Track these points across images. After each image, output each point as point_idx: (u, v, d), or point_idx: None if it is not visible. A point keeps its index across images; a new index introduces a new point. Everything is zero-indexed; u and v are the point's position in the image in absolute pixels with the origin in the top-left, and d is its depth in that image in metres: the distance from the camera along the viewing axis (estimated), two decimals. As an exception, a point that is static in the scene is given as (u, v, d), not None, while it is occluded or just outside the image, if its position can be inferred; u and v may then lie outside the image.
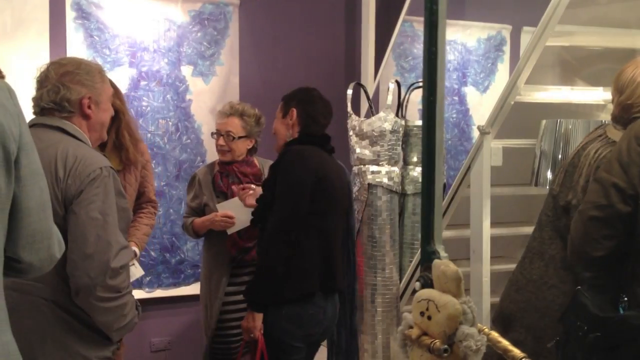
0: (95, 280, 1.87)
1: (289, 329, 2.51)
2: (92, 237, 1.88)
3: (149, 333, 4.08)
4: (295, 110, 2.69)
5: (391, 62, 4.52)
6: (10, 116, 1.28)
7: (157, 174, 3.96)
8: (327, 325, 2.65)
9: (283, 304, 2.50)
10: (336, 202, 2.66)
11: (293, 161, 2.54)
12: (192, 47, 4.05)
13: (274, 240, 2.48)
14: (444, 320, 1.13)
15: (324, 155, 2.67)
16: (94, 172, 1.93)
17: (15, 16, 3.61)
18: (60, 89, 2.02)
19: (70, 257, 1.86)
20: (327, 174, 2.59)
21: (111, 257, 1.90)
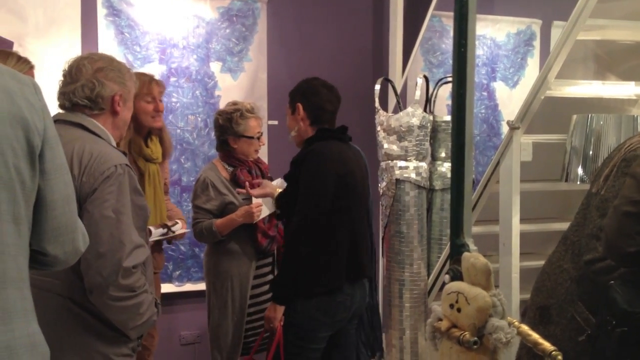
0: (108, 280, 1.87)
1: (317, 318, 2.55)
2: (105, 236, 1.86)
3: (178, 326, 4.13)
4: (300, 104, 2.70)
5: (419, 58, 4.50)
6: (35, 111, 1.30)
7: (187, 169, 4.00)
8: (355, 309, 2.68)
9: (311, 297, 2.53)
10: (359, 194, 2.68)
11: (315, 163, 2.56)
12: (221, 44, 4.08)
13: (298, 238, 2.53)
14: (473, 313, 1.13)
15: (343, 148, 2.68)
16: (109, 170, 1.91)
17: (47, 14, 3.67)
18: (96, 85, 2.02)
19: (83, 256, 1.80)
20: (348, 168, 2.61)
21: (124, 257, 1.88)
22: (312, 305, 2.54)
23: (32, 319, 1.30)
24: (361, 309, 2.76)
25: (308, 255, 2.50)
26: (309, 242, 2.51)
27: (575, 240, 2.14)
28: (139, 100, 2.94)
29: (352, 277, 2.61)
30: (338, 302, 2.57)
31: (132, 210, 1.95)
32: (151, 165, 3.02)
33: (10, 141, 1.23)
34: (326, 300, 2.54)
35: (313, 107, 2.67)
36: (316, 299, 2.53)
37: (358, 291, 2.67)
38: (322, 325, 2.56)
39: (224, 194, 3.19)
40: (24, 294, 1.27)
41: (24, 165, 1.26)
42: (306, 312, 2.55)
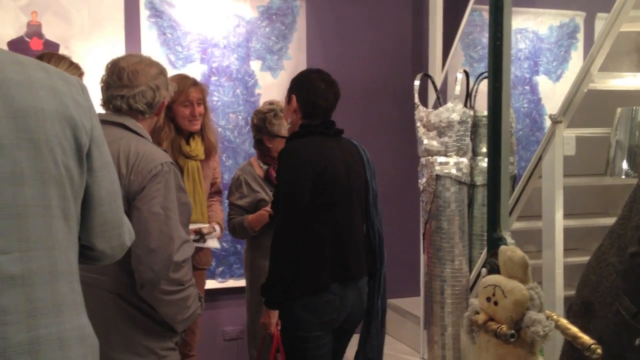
0: (159, 274, 1.91)
1: (304, 319, 2.48)
2: (154, 232, 1.91)
3: (222, 322, 4.19)
4: (295, 96, 2.61)
5: (459, 52, 4.47)
6: (82, 110, 1.34)
7: (228, 166, 4.06)
8: (348, 311, 2.57)
9: (297, 298, 2.47)
10: (345, 190, 2.56)
11: (289, 163, 2.48)
12: (261, 42, 4.12)
13: (279, 240, 2.46)
14: (510, 306, 1.13)
15: (326, 144, 2.56)
16: (155, 168, 1.95)
17: (92, 16, 3.76)
18: (155, 91, 2.07)
19: (134, 252, 1.89)
20: (327, 165, 2.49)
21: (174, 251, 1.92)
22: (299, 306, 2.47)
23: (82, 311, 1.33)
24: (358, 314, 2.65)
25: (290, 256, 2.43)
26: (289, 242, 2.44)
27: (622, 233, 2.11)
28: (177, 105, 2.99)
29: (340, 277, 2.52)
30: (325, 302, 2.48)
31: (177, 207, 1.99)
32: (191, 162, 3.07)
33: (60, 140, 1.27)
34: (312, 300, 2.47)
35: (306, 101, 2.56)
36: (302, 299, 2.46)
37: (350, 291, 2.56)
38: (311, 326, 2.48)
39: (256, 191, 3.22)
40: (73, 287, 1.30)
41: (72, 163, 1.30)
42: (294, 314, 2.48)
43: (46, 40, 3.66)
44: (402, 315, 4.45)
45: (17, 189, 1.19)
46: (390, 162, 4.39)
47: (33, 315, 1.19)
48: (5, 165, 1.18)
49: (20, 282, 1.18)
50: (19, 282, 1.18)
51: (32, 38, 3.63)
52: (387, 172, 4.30)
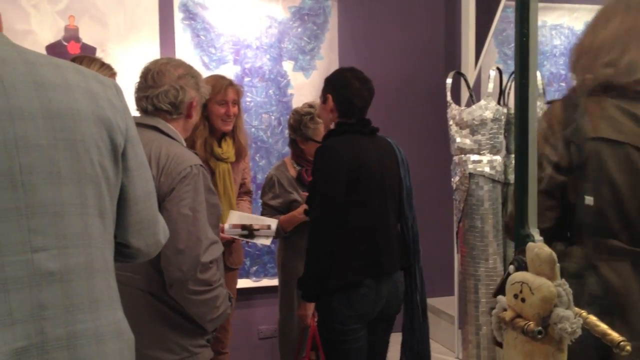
0: (187, 275, 1.94)
1: (341, 312, 2.54)
2: (183, 233, 1.94)
3: (256, 321, 4.23)
4: (330, 96, 2.67)
5: (493, 49, 4.43)
6: (117, 111, 1.37)
7: (261, 166, 4.10)
8: (384, 303, 2.63)
9: (333, 292, 2.54)
10: (379, 187, 2.62)
11: (325, 160, 2.54)
12: (293, 43, 4.15)
13: (315, 235, 2.53)
14: (537, 303, 1.12)
15: (361, 142, 2.61)
16: (185, 170, 1.98)
17: (127, 20, 3.83)
18: (179, 91, 2.10)
19: (163, 252, 1.91)
20: (363, 162, 2.55)
21: (201, 252, 1.95)
22: (336, 300, 2.54)
23: (118, 307, 1.36)
24: (394, 304, 2.71)
25: (325, 250, 2.50)
26: (325, 237, 2.51)
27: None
28: (213, 104, 3.03)
29: (374, 271, 2.58)
30: (361, 296, 2.55)
31: (206, 209, 2.02)
32: (222, 164, 3.11)
33: (95, 140, 1.30)
34: (348, 294, 2.53)
35: (342, 100, 2.61)
36: (338, 293, 2.53)
37: (385, 285, 2.61)
38: (347, 319, 2.55)
39: (289, 192, 3.24)
40: (109, 283, 1.34)
41: (108, 162, 1.33)
42: (331, 307, 2.55)
43: (83, 44, 3.75)
44: (436, 315, 4.43)
45: (55, 188, 1.23)
46: (423, 161, 4.37)
47: (70, 311, 1.23)
48: (43, 165, 1.22)
49: (59, 278, 1.22)
50: (57, 278, 1.21)
51: (69, 42, 3.72)
52: (420, 170, 4.29)
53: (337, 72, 2.73)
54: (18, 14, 3.61)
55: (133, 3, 3.83)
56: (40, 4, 3.67)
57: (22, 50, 1.29)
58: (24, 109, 1.21)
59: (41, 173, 1.21)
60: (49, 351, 1.19)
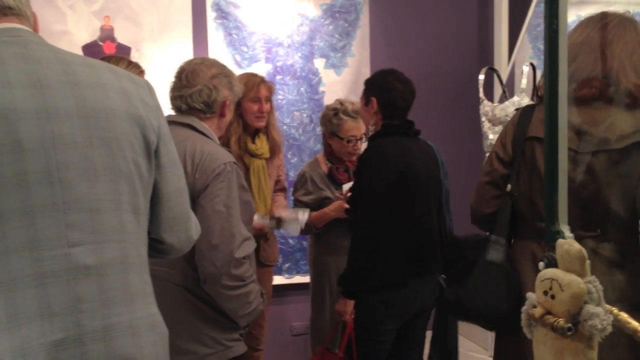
0: (221, 270, 1.97)
1: (379, 311, 2.57)
2: (217, 229, 1.97)
3: (289, 317, 4.25)
4: (374, 99, 2.69)
5: (526, 45, 4.38)
6: (150, 110, 1.41)
7: (294, 164, 4.12)
8: (422, 304, 2.66)
9: (374, 291, 2.57)
10: (424, 189, 2.64)
11: (374, 160, 2.57)
12: (324, 40, 4.16)
13: (360, 234, 2.55)
14: (567, 299, 1.12)
15: (407, 143, 2.65)
16: (219, 168, 2.01)
17: (161, 19, 3.89)
18: (212, 90, 2.13)
19: (197, 248, 1.95)
20: (410, 164, 2.59)
21: (235, 248, 1.98)
22: (376, 299, 2.56)
23: (152, 301, 1.39)
24: (430, 305, 2.74)
25: (369, 249, 2.52)
26: (369, 235, 2.53)
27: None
28: (246, 101, 3.07)
29: (416, 272, 2.60)
30: (401, 296, 2.58)
31: (239, 205, 2.05)
32: (256, 161, 3.15)
33: (129, 138, 1.34)
34: (389, 294, 2.56)
35: (386, 103, 2.66)
36: (379, 293, 2.56)
37: (426, 286, 2.64)
38: (385, 319, 2.58)
39: (321, 189, 3.25)
40: (144, 278, 1.37)
41: (141, 160, 1.36)
42: (370, 306, 2.58)
43: (118, 44, 3.81)
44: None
45: (90, 184, 1.26)
46: (455, 158, 4.34)
47: (106, 304, 1.26)
48: (79, 162, 1.25)
49: (95, 272, 1.25)
50: (93, 272, 1.25)
51: (105, 42, 3.79)
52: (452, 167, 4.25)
53: (380, 75, 2.76)
54: (55, 14, 3.69)
55: (166, 3, 3.88)
56: (76, 4, 3.74)
57: (58, 51, 1.33)
58: (60, 108, 1.25)
59: (77, 170, 1.25)
60: (86, 343, 1.22)
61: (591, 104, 1.84)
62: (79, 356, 1.21)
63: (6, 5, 1.32)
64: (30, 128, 1.20)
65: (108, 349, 1.24)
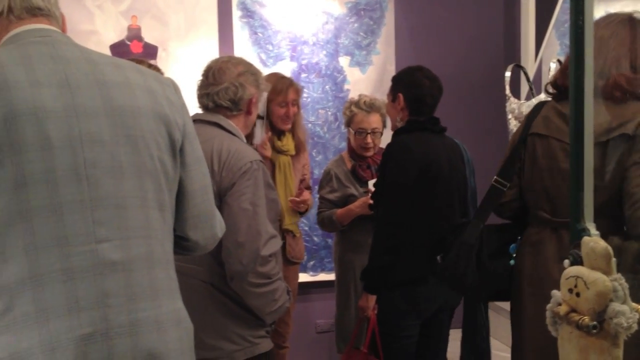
0: (247, 267, 1.98)
1: (401, 307, 2.58)
2: (243, 227, 1.98)
3: (314, 315, 4.26)
4: (401, 95, 2.68)
5: (554, 41, 4.33)
6: (175, 108, 1.42)
7: (318, 162, 4.13)
8: (443, 300, 2.66)
9: (394, 287, 2.57)
10: (446, 185, 2.63)
11: (397, 155, 2.58)
12: (349, 38, 4.16)
13: (382, 229, 2.56)
14: (593, 297, 1.11)
15: (431, 140, 2.64)
16: (245, 166, 2.02)
17: (187, 19, 3.92)
18: (238, 88, 2.14)
19: (224, 245, 1.97)
20: (433, 160, 2.58)
21: (261, 246, 1.99)
22: (397, 295, 2.58)
23: (177, 297, 1.41)
24: (454, 302, 2.74)
25: (391, 245, 2.53)
26: (391, 231, 2.54)
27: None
28: (274, 105, 3.09)
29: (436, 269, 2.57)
30: (422, 292, 2.58)
31: (265, 203, 2.06)
32: (282, 157, 3.17)
33: (155, 136, 1.35)
34: (410, 290, 2.57)
35: (413, 99, 2.66)
36: (399, 289, 2.57)
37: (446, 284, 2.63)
38: (407, 314, 2.59)
39: (346, 186, 3.26)
40: (169, 274, 1.39)
41: (167, 157, 1.38)
42: (391, 302, 2.59)
43: (145, 43, 3.85)
44: (497, 312, 4.37)
45: (117, 181, 1.28)
46: (481, 155, 4.31)
47: (133, 299, 1.28)
48: (106, 160, 1.27)
49: (121, 267, 1.27)
50: (119, 267, 1.27)
51: (132, 41, 3.83)
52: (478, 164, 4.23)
53: (407, 71, 2.77)
54: (83, 14, 3.74)
55: (193, 2, 3.92)
56: (104, 4, 3.79)
57: (85, 51, 1.35)
58: (88, 107, 1.27)
59: (104, 167, 1.27)
60: (113, 337, 1.24)
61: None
62: (106, 350, 1.23)
63: (35, 6, 1.35)
64: (59, 126, 1.22)
65: (134, 344, 1.26)
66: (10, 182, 1.18)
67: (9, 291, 1.17)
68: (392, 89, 2.76)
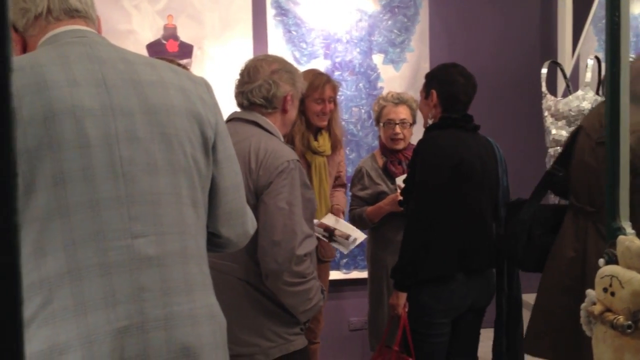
0: (283, 266, 1.99)
1: (429, 305, 2.57)
2: (279, 226, 1.99)
3: (347, 312, 4.27)
4: (435, 91, 2.66)
5: (591, 37, 4.26)
6: (207, 107, 1.44)
7: (351, 160, 4.13)
8: (473, 299, 2.64)
9: (424, 284, 2.56)
10: (479, 184, 2.61)
11: (428, 151, 2.57)
12: (383, 36, 4.15)
13: (412, 226, 2.55)
14: (628, 297, 1.10)
15: (463, 137, 2.62)
16: (282, 165, 2.03)
17: (222, 18, 3.96)
18: (272, 85, 2.15)
19: (260, 244, 1.99)
20: (464, 158, 2.56)
21: (296, 245, 2.00)
22: (426, 293, 2.57)
23: (211, 292, 1.42)
24: (484, 302, 2.72)
25: (420, 241, 2.52)
26: (421, 228, 2.53)
27: None
28: (310, 101, 3.10)
29: (467, 267, 2.59)
30: (451, 290, 2.57)
31: (301, 203, 2.06)
32: (318, 158, 3.18)
33: (188, 134, 1.38)
34: (439, 288, 2.56)
35: (446, 96, 2.64)
36: (429, 286, 2.56)
37: (478, 282, 2.63)
38: (436, 312, 2.58)
39: (377, 183, 3.26)
40: (202, 269, 1.41)
41: (199, 155, 1.40)
42: (421, 299, 2.58)
43: (181, 42, 3.90)
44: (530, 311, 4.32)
45: (152, 178, 1.31)
46: (517, 153, 4.27)
47: (167, 293, 1.30)
48: (142, 157, 1.30)
49: (156, 262, 1.29)
50: (155, 262, 1.29)
51: (168, 40, 3.88)
52: (514, 163, 4.18)
53: (441, 68, 2.76)
54: (121, 15, 3.80)
55: (227, 1, 3.95)
56: (141, 4, 3.84)
57: (121, 51, 1.38)
58: (124, 105, 1.30)
59: (140, 164, 1.29)
60: (148, 331, 1.26)
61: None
62: (141, 343, 1.25)
63: (73, 8, 1.38)
64: (96, 125, 1.25)
65: (169, 337, 1.28)
66: (49, 179, 1.21)
67: (49, 285, 1.20)
68: (425, 85, 2.75)
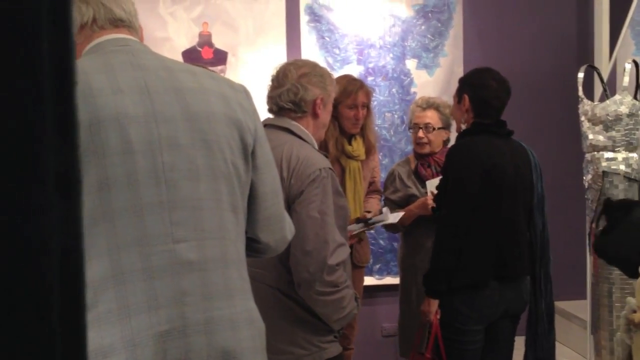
0: (314, 276, 1.98)
1: (462, 312, 2.55)
2: (311, 235, 1.98)
3: (380, 318, 4.26)
4: (467, 96, 2.63)
5: (629, 41, 4.20)
6: (247, 113, 1.46)
7: (385, 165, 4.12)
8: (506, 306, 2.61)
9: (456, 291, 2.54)
10: (511, 190, 2.57)
11: (460, 157, 2.56)
12: (416, 41, 4.15)
13: (444, 232, 2.54)
14: (670, 305, 1.09)
15: (496, 143, 2.59)
16: (314, 173, 2.02)
17: (256, 24, 3.99)
18: (299, 89, 2.14)
19: (292, 253, 1.98)
20: (497, 164, 2.53)
21: (328, 255, 1.99)
22: (458, 300, 2.55)
23: (250, 297, 1.44)
24: (518, 309, 2.69)
25: (453, 248, 2.50)
26: (453, 235, 2.51)
27: None
28: (343, 107, 3.10)
29: (499, 274, 2.56)
30: (484, 297, 2.54)
31: (334, 211, 2.06)
32: (352, 162, 3.18)
33: (228, 140, 1.40)
34: (471, 295, 2.54)
35: (479, 101, 2.61)
36: (461, 293, 2.54)
37: (511, 289, 2.60)
38: (468, 319, 2.55)
39: (408, 186, 3.26)
40: (242, 274, 1.42)
41: (239, 161, 1.42)
42: (453, 306, 2.56)
43: (215, 49, 3.94)
44: (567, 319, 4.27)
45: (193, 184, 1.33)
46: (554, 158, 4.23)
47: (208, 298, 1.32)
48: (183, 163, 1.32)
49: (197, 267, 1.31)
50: (195, 267, 1.31)
51: (203, 47, 3.93)
52: (550, 168, 4.13)
53: (474, 72, 2.74)
54: (157, 22, 3.86)
55: (262, 8, 3.98)
56: (176, 12, 3.90)
57: (162, 58, 1.41)
58: (166, 112, 1.32)
59: (181, 170, 1.32)
60: (189, 335, 1.28)
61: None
62: (183, 347, 1.27)
63: (118, 17, 1.42)
64: (140, 131, 1.28)
65: (209, 341, 1.30)
66: (94, 185, 1.24)
67: (93, 289, 1.23)
68: (458, 90, 2.73)
